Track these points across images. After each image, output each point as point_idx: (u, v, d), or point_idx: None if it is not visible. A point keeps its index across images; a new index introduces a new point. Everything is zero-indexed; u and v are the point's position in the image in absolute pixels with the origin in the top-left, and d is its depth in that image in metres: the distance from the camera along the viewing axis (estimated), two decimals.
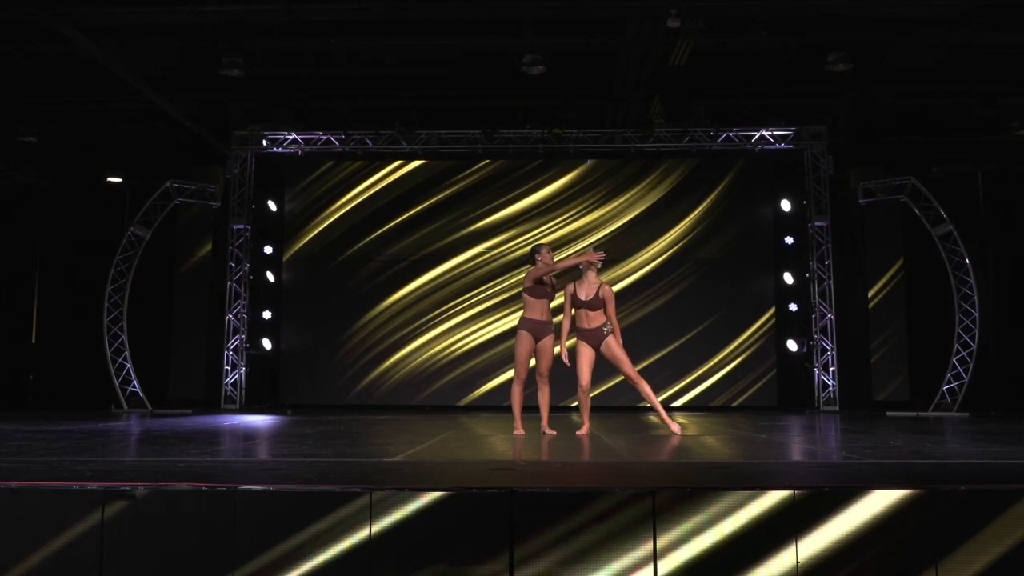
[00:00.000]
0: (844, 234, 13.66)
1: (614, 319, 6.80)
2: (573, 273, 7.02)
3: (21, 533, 3.19)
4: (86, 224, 14.09)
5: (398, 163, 13.99)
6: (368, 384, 13.62)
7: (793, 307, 13.46)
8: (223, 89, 12.24)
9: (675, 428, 6.91)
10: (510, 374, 12.38)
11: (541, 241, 12.74)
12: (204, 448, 5.47)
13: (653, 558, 3.11)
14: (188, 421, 9.20)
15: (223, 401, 13.08)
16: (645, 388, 6.74)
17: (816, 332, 13.00)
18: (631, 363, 6.82)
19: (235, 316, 13.37)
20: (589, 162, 13.84)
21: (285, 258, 13.99)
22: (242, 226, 13.47)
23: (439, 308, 13.71)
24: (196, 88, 12.35)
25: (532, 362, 7.00)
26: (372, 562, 3.13)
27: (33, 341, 14.37)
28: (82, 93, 12.44)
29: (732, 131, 13.24)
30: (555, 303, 6.96)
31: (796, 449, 5.71)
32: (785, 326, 13.52)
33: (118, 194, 14.09)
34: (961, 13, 9.97)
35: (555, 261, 6.81)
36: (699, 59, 11.22)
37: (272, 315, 13.84)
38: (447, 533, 3.15)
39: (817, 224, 13.18)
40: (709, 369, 13.39)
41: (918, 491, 3.24)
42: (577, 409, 7.13)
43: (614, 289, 7.02)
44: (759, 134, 13.26)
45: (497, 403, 12.61)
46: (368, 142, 13.46)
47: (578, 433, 6.93)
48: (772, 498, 3.17)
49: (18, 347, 14.20)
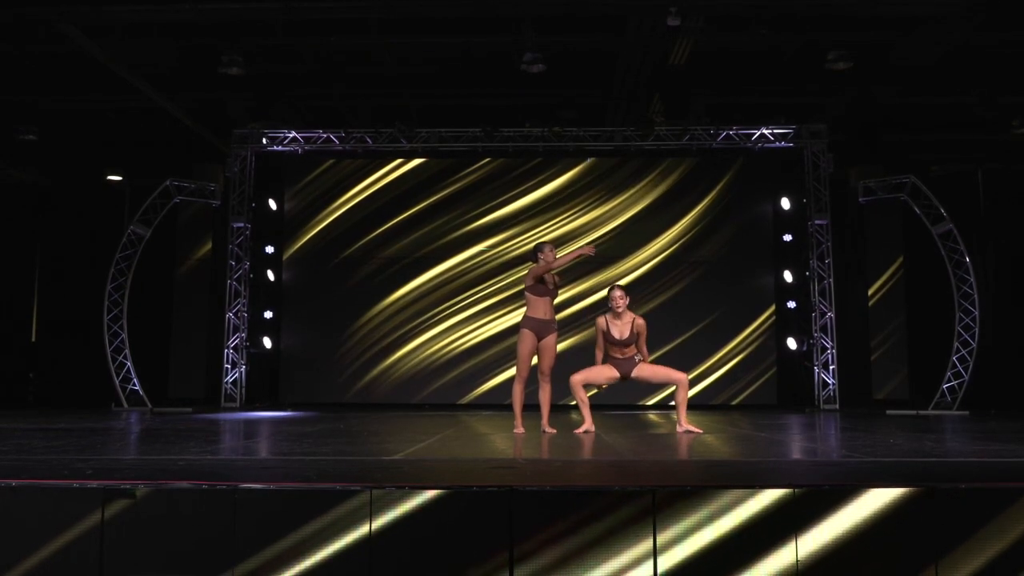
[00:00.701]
0: (844, 232, 13.67)
1: (644, 349, 6.86)
2: (606, 306, 7.05)
3: (21, 531, 3.19)
4: (86, 222, 14.10)
5: (398, 161, 13.99)
6: (368, 383, 13.62)
7: (791, 304, 13.45)
8: (223, 87, 12.23)
9: (694, 429, 6.89)
10: (511, 372, 12.44)
11: (544, 239, 12.76)
12: (204, 446, 5.47)
13: (653, 556, 3.11)
14: (188, 420, 9.20)
15: (223, 399, 13.09)
16: (683, 391, 6.82)
17: (816, 330, 13.00)
18: (664, 366, 6.95)
19: (235, 314, 13.37)
20: (589, 160, 13.84)
21: (285, 256, 13.98)
22: (242, 224, 13.47)
23: (439, 306, 13.71)
24: (196, 86, 12.35)
25: (534, 360, 7.00)
26: (372, 560, 3.13)
27: (33, 339, 14.38)
28: (82, 91, 12.43)
29: (732, 129, 13.24)
30: (562, 297, 6.97)
31: (796, 447, 5.71)
32: (785, 324, 13.52)
33: (118, 192, 14.10)
34: (961, 12, 9.97)
35: (554, 261, 6.80)
36: (699, 57, 11.23)
37: (272, 314, 13.84)
38: (447, 531, 3.15)
39: (817, 222, 13.18)
40: (709, 367, 13.38)
41: (918, 489, 3.24)
42: (577, 408, 7.12)
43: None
44: (759, 132, 13.26)
45: (498, 401, 12.62)
46: (368, 140, 13.46)
47: (577, 432, 6.93)
48: (772, 496, 3.17)
49: (18, 345, 14.21)
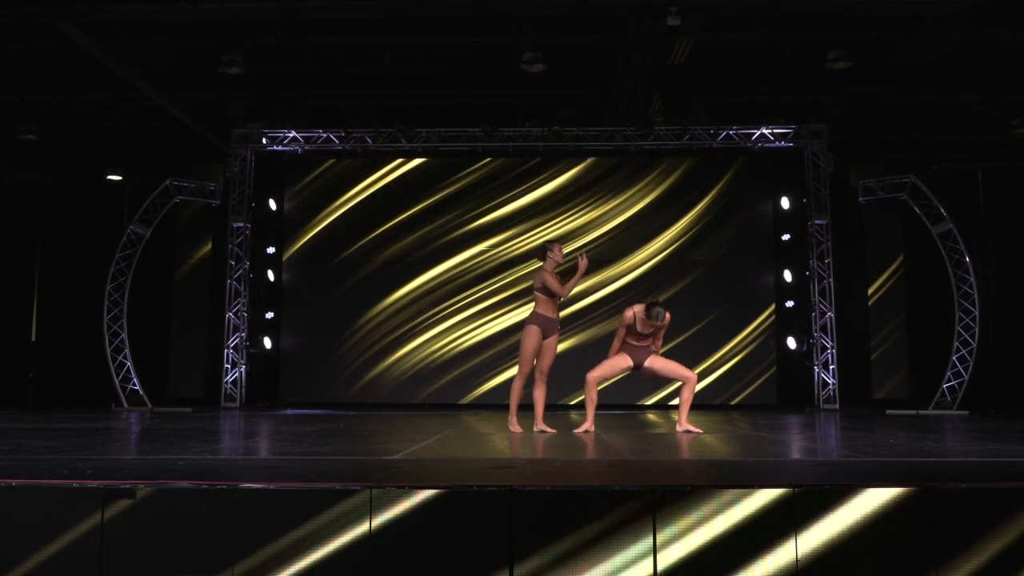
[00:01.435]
0: (844, 232, 13.67)
1: (659, 341, 6.88)
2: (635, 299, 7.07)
3: (21, 532, 3.19)
4: (86, 222, 14.10)
5: (398, 161, 13.99)
6: (368, 382, 13.62)
7: (791, 304, 13.45)
8: (223, 87, 12.23)
9: (693, 429, 6.91)
10: (512, 372, 12.44)
11: (550, 238, 12.77)
12: (204, 446, 5.47)
13: (653, 555, 3.12)
14: (187, 419, 9.20)
15: (223, 399, 13.09)
16: (688, 390, 6.82)
17: (816, 330, 13.00)
18: (675, 362, 7.03)
19: (235, 314, 13.37)
20: (589, 160, 13.84)
21: (285, 256, 13.99)
22: (242, 224, 13.47)
23: (439, 306, 13.71)
24: (196, 86, 12.35)
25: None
26: (372, 560, 3.13)
27: (33, 339, 14.38)
28: (82, 91, 12.43)
29: (732, 129, 13.24)
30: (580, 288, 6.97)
31: (795, 447, 5.71)
32: (785, 324, 13.52)
33: (118, 192, 14.10)
34: (961, 11, 9.96)
35: (564, 287, 6.86)
36: (699, 57, 11.22)
37: (272, 314, 13.84)
38: (447, 531, 3.15)
39: (817, 222, 13.18)
40: (708, 367, 13.38)
41: (917, 489, 3.24)
42: (577, 407, 7.13)
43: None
44: (759, 132, 13.26)
45: (499, 401, 12.61)
46: (368, 140, 13.46)
47: (576, 431, 6.93)
48: (771, 496, 3.17)
49: (18, 345, 14.21)
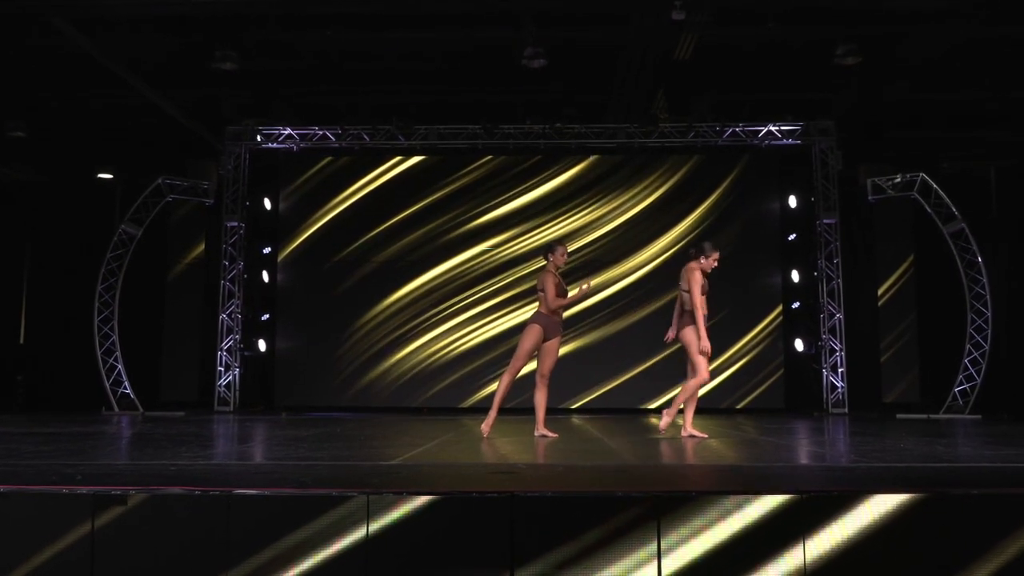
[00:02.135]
0: (853, 231, 13.65)
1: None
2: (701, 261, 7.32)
3: (9, 539, 3.19)
4: (76, 221, 14.08)
5: (396, 159, 13.98)
6: (366, 386, 13.61)
7: (797, 305, 13.44)
8: (217, 83, 12.22)
9: (698, 434, 6.88)
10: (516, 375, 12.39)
11: (553, 238, 12.76)
12: (197, 451, 5.47)
13: (657, 563, 3.11)
14: (180, 424, 9.20)
15: (216, 403, 13.08)
16: (691, 389, 6.82)
17: (824, 332, 12.99)
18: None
19: (229, 316, 13.37)
20: (591, 157, 13.83)
21: (280, 257, 13.98)
22: (236, 223, 13.47)
23: (439, 307, 13.69)
24: (189, 82, 12.34)
25: (532, 365, 6.99)
26: (368, 568, 3.13)
27: (21, 341, 14.37)
28: (72, 87, 12.42)
29: (738, 126, 13.23)
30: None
31: (803, 452, 5.71)
32: (792, 326, 13.51)
33: (108, 190, 14.09)
34: (973, 4, 9.95)
35: (568, 298, 6.89)
36: (704, 52, 11.20)
37: (267, 315, 13.84)
38: (446, 538, 3.15)
39: (825, 221, 13.17)
40: (713, 370, 13.26)
41: (929, 495, 3.24)
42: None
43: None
44: (766, 129, 13.25)
45: (502, 404, 12.57)
46: (365, 137, 13.46)
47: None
48: (779, 502, 3.17)
49: (6, 347, 14.20)
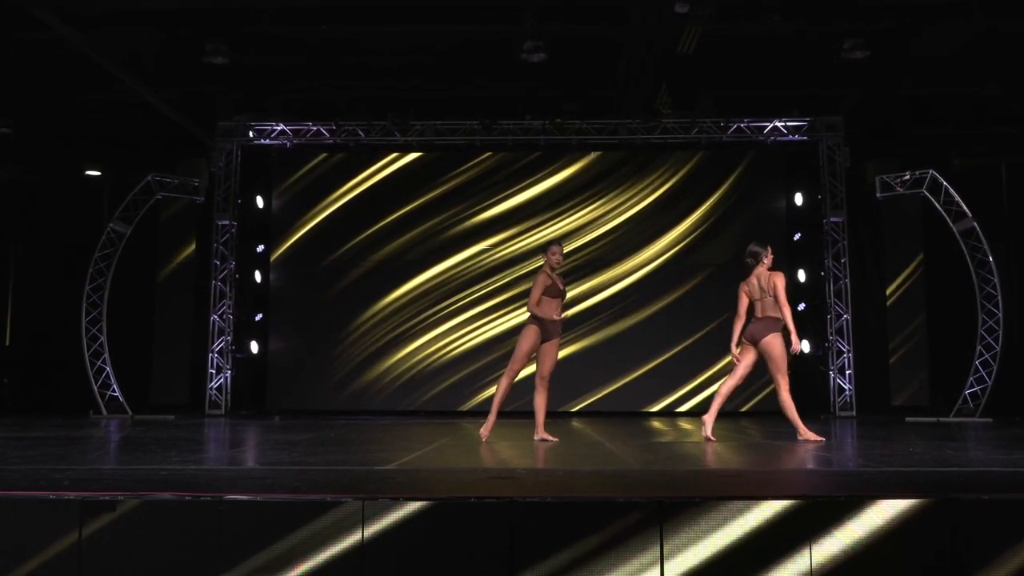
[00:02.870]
0: (860, 230, 13.65)
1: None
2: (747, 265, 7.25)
3: None
4: (63, 220, 14.07)
5: (392, 156, 13.98)
6: (361, 388, 13.61)
7: (803, 305, 13.44)
8: (209, 79, 12.22)
9: (812, 437, 6.92)
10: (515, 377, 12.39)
11: (551, 237, 12.75)
12: (187, 455, 5.46)
13: (660, 570, 3.11)
14: (170, 427, 9.20)
15: (208, 406, 13.08)
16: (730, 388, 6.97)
17: (832, 333, 12.99)
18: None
19: (220, 317, 13.36)
20: (592, 154, 13.83)
21: (273, 256, 13.97)
22: (227, 222, 13.47)
23: (436, 308, 13.70)
24: (180, 77, 12.33)
25: (531, 368, 6.99)
26: None
27: (7, 343, 14.36)
28: (59, 83, 12.42)
29: (743, 122, 13.24)
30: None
31: (810, 456, 5.71)
32: (799, 327, 13.42)
33: (97, 188, 14.08)
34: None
35: (538, 304, 6.80)
36: (708, 46, 11.21)
37: (260, 316, 13.83)
38: (443, 545, 3.15)
39: (832, 219, 13.17)
40: (718, 371, 13.36)
41: (938, 501, 3.24)
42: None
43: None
44: (771, 125, 13.26)
45: (501, 408, 12.57)
46: (360, 133, 13.46)
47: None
48: (784, 508, 3.17)
49: None
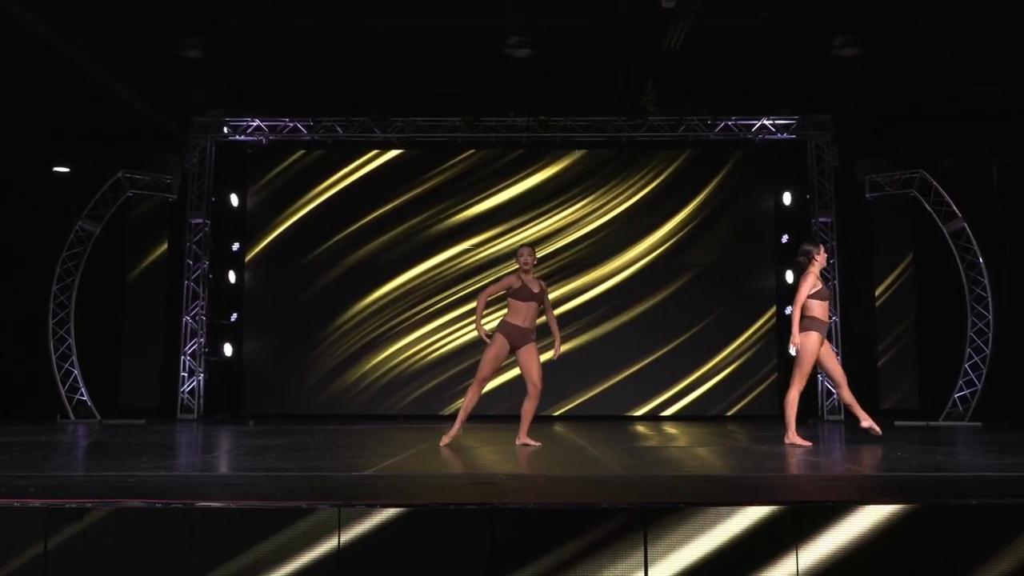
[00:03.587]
0: (849, 230, 13.75)
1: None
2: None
3: None
4: (29, 218, 13.93)
5: (373, 153, 13.96)
6: (339, 392, 13.57)
7: (789, 307, 13.50)
8: (182, 72, 12.14)
9: (800, 442, 6.98)
10: (498, 381, 12.43)
11: (526, 241, 12.75)
12: (158, 461, 5.44)
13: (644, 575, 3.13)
14: (141, 432, 9.14)
15: (179, 410, 13.00)
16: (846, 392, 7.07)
17: None
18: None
19: (193, 318, 13.29)
20: (578, 152, 13.86)
21: (248, 256, 13.92)
22: (201, 220, 13.39)
23: (416, 309, 13.68)
24: (152, 70, 12.25)
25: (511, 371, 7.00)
26: None
27: None
28: (25, 75, 12.30)
29: (731, 120, 13.30)
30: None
31: (796, 461, 5.75)
32: (786, 328, 13.54)
33: (65, 185, 13.96)
34: None
35: (480, 310, 6.89)
36: (696, 43, 11.26)
37: (234, 317, 13.77)
38: (422, 552, 3.15)
39: (821, 220, 13.26)
40: (703, 375, 13.43)
41: (926, 506, 3.27)
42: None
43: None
44: (760, 123, 13.33)
45: (483, 412, 12.55)
46: (339, 130, 13.42)
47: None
48: (771, 513, 3.19)
49: None
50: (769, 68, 12.35)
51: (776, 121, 13.34)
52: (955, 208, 12.33)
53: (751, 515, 3.17)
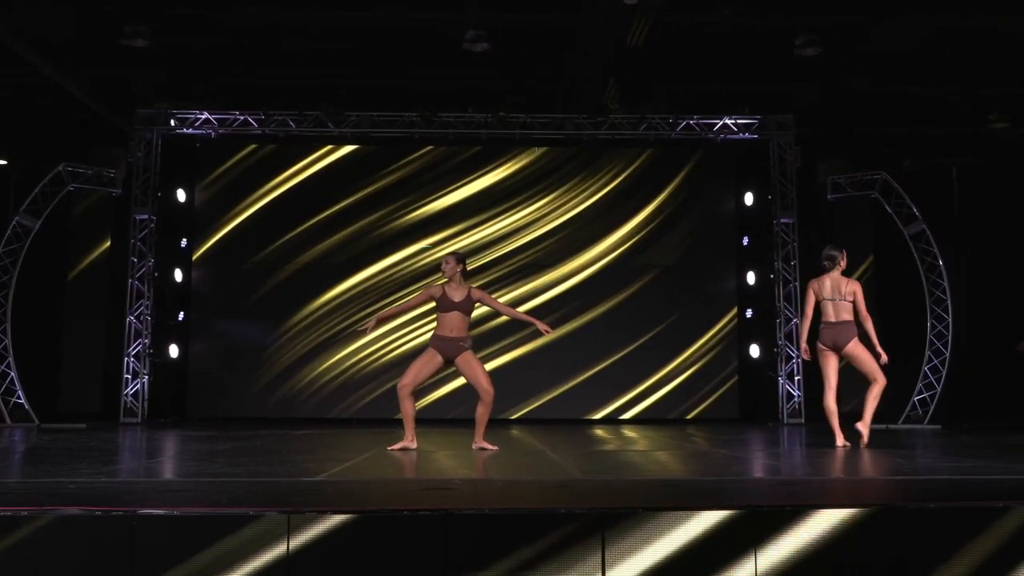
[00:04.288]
0: (811, 232, 13.94)
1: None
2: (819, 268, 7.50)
3: None
4: None
5: (326, 149, 13.87)
6: (291, 395, 13.46)
7: (754, 309, 13.69)
8: (127, 62, 11.96)
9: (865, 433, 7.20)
10: (456, 383, 12.44)
11: (456, 249, 12.71)
12: (99, 467, 5.36)
13: None
14: (81, 437, 8.99)
15: (123, 414, 12.80)
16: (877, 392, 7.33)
17: (781, 338, 13.24)
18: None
19: (137, 318, 13.09)
20: (536, 150, 13.89)
21: (196, 254, 13.75)
22: (146, 216, 13.19)
23: (371, 310, 13.57)
24: (96, 60, 12.04)
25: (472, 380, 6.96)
26: None
27: None
28: None
29: (693, 118, 13.41)
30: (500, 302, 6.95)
31: (757, 465, 5.82)
32: (747, 331, 13.75)
33: (2, 179, 13.67)
34: None
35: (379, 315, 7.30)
36: (659, 40, 11.34)
37: (181, 317, 13.59)
38: (373, 560, 3.14)
39: (783, 221, 13.42)
40: (662, 378, 13.54)
41: (884, 509, 3.33)
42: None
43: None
44: (722, 122, 13.46)
45: (441, 415, 12.58)
46: (291, 124, 13.30)
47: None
48: (729, 518, 3.22)
49: None
50: (731, 67, 12.49)
51: (738, 120, 13.48)
52: (915, 210, 12.57)
53: (709, 519, 3.20)
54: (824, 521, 3.24)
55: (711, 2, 10.72)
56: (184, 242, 13.78)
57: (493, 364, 13.14)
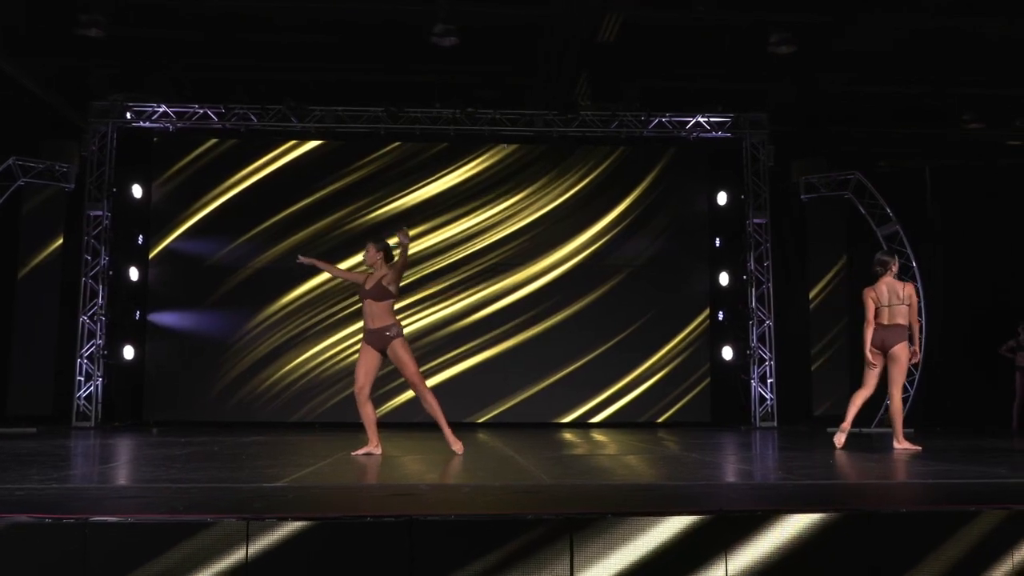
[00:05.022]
0: (785, 232, 14.08)
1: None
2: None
3: None
4: None
5: (289, 144, 13.77)
6: (251, 398, 13.35)
7: (727, 310, 13.79)
8: (82, 52, 11.83)
9: (909, 447, 7.32)
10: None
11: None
12: (49, 472, 5.29)
13: None
14: (31, 441, 8.87)
15: (75, 418, 12.65)
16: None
17: (754, 340, 13.35)
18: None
19: (90, 318, 12.94)
20: (505, 147, 13.89)
21: (152, 251, 13.60)
22: (100, 213, 13.04)
23: (334, 310, 13.53)
24: (48, 50, 11.90)
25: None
26: None
27: None
28: None
29: (665, 116, 13.49)
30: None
31: (728, 469, 5.87)
32: (719, 333, 13.84)
33: None
34: None
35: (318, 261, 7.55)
36: (631, 36, 11.41)
37: (136, 317, 13.45)
38: (336, 567, 3.13)
39: (756, 221, 13.54)
40: (633, 380, 13.58)
41: (856, 513, 3.38)
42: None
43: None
44: (694, 120, 13.55)
45: (406, 419, 12.50)
46: (253, 118, 13.20)
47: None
48: (699, 521, 3.25)
49: None
50: (705, 65, 12.59)
51: (711, 119, 13.58)
52: (889, 211, 12.74)
53: (678, 524, 3.23)
54: (795, 525, 3.27)
55: None
56: (140, 239, 13.62)
57: (460, 366, 13.14)
